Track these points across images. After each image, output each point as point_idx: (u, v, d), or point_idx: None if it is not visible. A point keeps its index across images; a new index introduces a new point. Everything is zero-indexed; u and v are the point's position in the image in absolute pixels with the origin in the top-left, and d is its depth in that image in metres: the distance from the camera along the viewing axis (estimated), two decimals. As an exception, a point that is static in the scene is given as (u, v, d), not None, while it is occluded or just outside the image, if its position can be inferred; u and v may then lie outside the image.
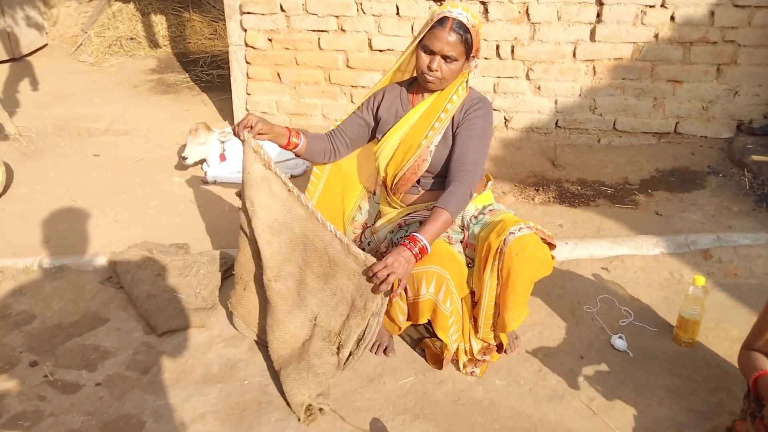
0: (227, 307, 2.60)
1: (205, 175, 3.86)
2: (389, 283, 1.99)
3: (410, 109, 2.36)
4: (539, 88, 4.13)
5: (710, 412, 2.15)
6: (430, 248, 2.06)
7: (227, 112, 4.77)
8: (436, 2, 4.01)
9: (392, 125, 2.36)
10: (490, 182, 2.49)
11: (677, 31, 3.87)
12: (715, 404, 2.18)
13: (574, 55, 4.01)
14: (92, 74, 5.80)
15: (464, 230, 2.34)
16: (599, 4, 3.88)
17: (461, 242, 2.34)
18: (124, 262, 2.87)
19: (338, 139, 2.46)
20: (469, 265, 2.33)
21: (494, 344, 2.36)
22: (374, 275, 2.00)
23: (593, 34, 3.95)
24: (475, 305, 2.32)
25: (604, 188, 3.65)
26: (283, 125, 2.41)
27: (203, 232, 3.29)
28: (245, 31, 4.32)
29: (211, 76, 5.68)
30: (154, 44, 6.53)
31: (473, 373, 2.33)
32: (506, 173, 3.83)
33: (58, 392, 2.28)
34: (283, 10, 4.21)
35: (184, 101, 5.15)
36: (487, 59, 4.10)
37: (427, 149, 2.29)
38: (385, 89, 2.44)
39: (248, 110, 4.51)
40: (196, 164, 3.90)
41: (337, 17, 4.17)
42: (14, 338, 2.55)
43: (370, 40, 4.19)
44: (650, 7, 3.83)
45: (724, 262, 2.92)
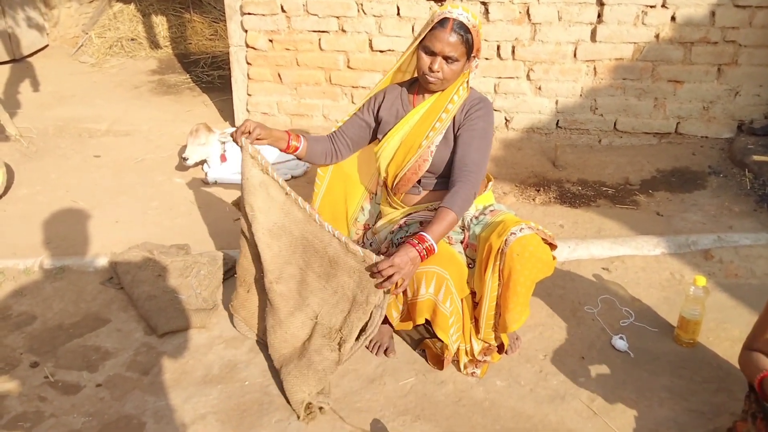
0: (229, 309, 2.60)
1: (205, 176, 3.86)
2: (392, 282, 2.00)
3: (411, 109, 2.36)
4: (540, 88, 4.13)
5: (711, 412, 2.15)
6: (436, 248, 2.07)
7: (228, 112, 4.77)
8: (436, 3, 4.01)
9: (393, 126, 2.37)
10: (490, 183, 2.49)
11: (678, 31, 3.87)
12: (716, 405, 2.18)
13: (574, 55, 4.01)
14: (93, 75, 5.80)
15: (465, 231, 2.34)
16: (600, 4, 3.88)
17: (462, 243, 2.34)
18: (124, 262, 2.87)
19: (339, 140, 2.47)
20: (469, 265, 2.33)
21: (495, 345, 2.36)
22: (379, 272, 2.00)
23: (594, 34, 3.95)
24: (476, 306, 2.32)
25: (604, 188, 3.65)
26: (282, 128, 2.41)
27: (204, 232, 3.29)
28: (246, 31, 4.32)
29: (211, 76, 5.69)
30: (154, 45, 6.53)
31: (474, 373, 2.33)
32: (507, 174, 3.83)
33: (58, 393, 2.28)
34: (283, 10, 4.21)
35: (184, 102, 5.16)
36: (487, 60, 4.10)
37: (428, 149, 2.29)
38: (385, 90, 2.45)
39: (249, 111, 4.51)
40: (196, 165, 3.90)
41: (337, 18, 4.17)
42: (15, 339, 2.55)
43: (370, 40, 4.19)
44: (651, 7, 3.83)
45: (725, 262, 2.92)
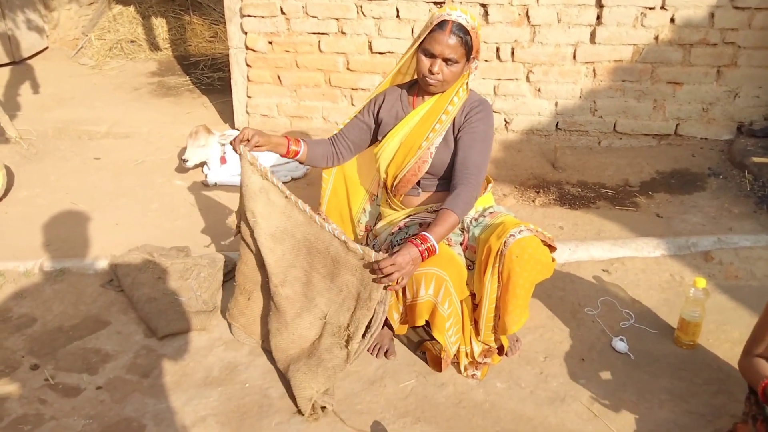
0: (226, 317, 2.60)
1: (205, 177, 3.86)
2: (392, 280, 2.02)
3: (411, 111, 2.37)
4: (539, 90, 4.13)
5: (712, 414, 2.15)
6: (438, 249, 2.07)
7: (228, 114, 4.77)
8: (435, 5, 4.02)
9: (393, 127, 2.37)
10: (490, 184, 2.49)
11: (677, 32, 3.87)
12: (716, 407, 2.18)
13: (574, 57, 4.02)
14: (93, 77, 5.80)
15: (464, 232, 2.34)
16: (599, 6, 3.88)
17: (461, 244, 2.34)
18: (124, 265, 2.87)
19: (341, 143, 2.48)
20: (469, 267, 2.33)
21: (495, 347, 2.36)
22: (380, 270, 2.01)
23: (593, 36, 3.95)
24: (475, 308, 2.32)
25: (604, 190, 3.65)
26: (282, 130, 2.42)
27: (204, 235, 3.29)
28: (246, 34, 4.32)
29: (211, 78, 5.69)
30: (154, 47, 6.54)
31: (474, 375, 2.33)
32: (507, 175, 3.83)
33: (58, 395, 2.28)
34: (283, 12, 4.21)
35: (184, 104, 5.16)
36: (487, 61, 4.10)
37: (427, 151, 2.30)
38: (385, 92, 2.45)
39: (248, 113, 4.51)
40: (196, 167, 3.90)
41: (337, 20, 4.17)
42: (15, 341, 2.55)
43: (370, 42, 4.19)
44: (650, 9, 3.83)
45: (724, 264, 2.92)
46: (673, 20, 3.85)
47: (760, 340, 1.93)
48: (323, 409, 2.18)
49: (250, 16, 4.26)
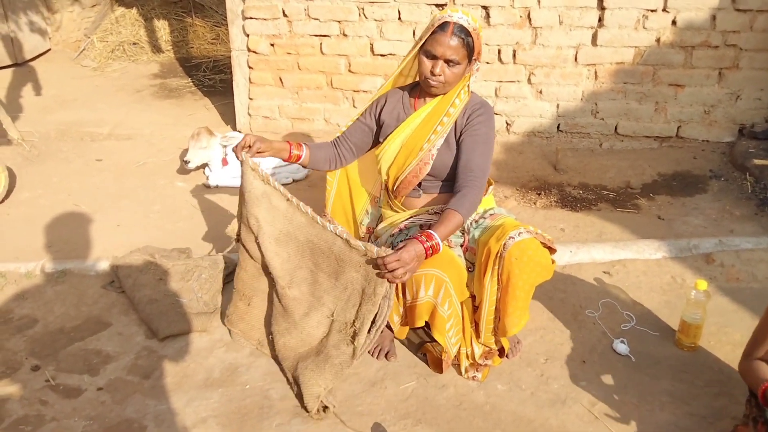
0: (224, 323, 2.60)
1: (207, 179, 3.86)
2: (397, 276, 2.01)
3: (412, 113, 2.37)
4: (541, 92, 4.14)
5: (713, 416, 2.14)
6: (442, 247, 2.07)
7: (230, 116, 4.78)
8: (437, 7, 4.02)
9: (394, 129, 2.38)
10: (491, 186, 2.49)
11: (679, 35, 3.87)
12: (717, 409, 2.17)
13: (575, 59, 4.02)
14: (95, 79, 5.82)
15: (464, 234, 2.35)
16: (601, 8, 3.88)
17: (461, 246, 2.34)
18: (126, 266, 2.87)
19: (343, 146, 2.49)
20: (469, 269, 2.33)
21: (496, 349, 2.36)
22: (384, 265, 2.01)
23: (595, 38, 3.95)
24: (476, 310, 2.32)
25: (605, 192, 3.65)
26: (284, 132, 2.43)
27: (206, 236, 3.30)
28: (248, 36, 4.33)
29: (213, 80, 5.70)
30: (156, 49, 6.55)
31: (475, 377, 2.33)
32: (508, 177, 3.83)
33: (59, 397, 2.28)
34: (285, 15, 4.22)
35: (186, 106, 5.16)
36: (488, 64, 4.10)
37: (429, 152, 2.30)
38: (387, 94, 2.46)
39: (250, 115, 4.51)
40: (198, 168, 3.91)
41: (339, 22, 4.18)
42: (16, 342, 2.55)
43: (372, 44, 4.20)
44: (652, 11, 3.84)
45: (726, 266, 2.92)
46: (674, 22, 3.85)
47: (760, 343, 1.93)
48: (326, 409, 2.18)
49: (252, 18, 4.26)
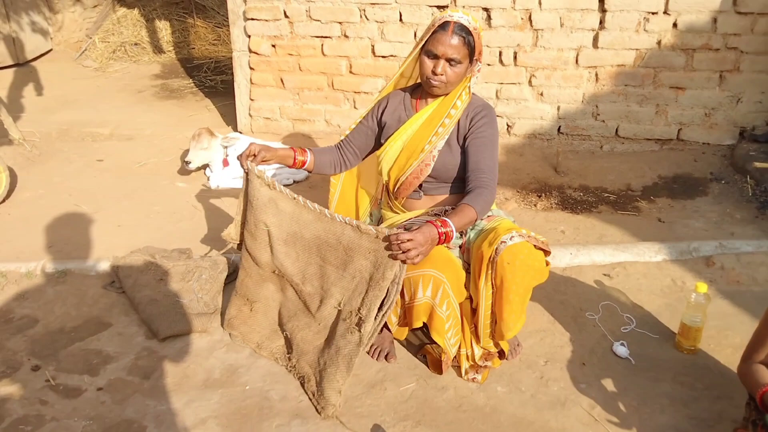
0: (223, 326, 2.60)
1: (208, 180, 3.87)
2: (410, 257, 1.97)
3: (413, 114, 2.37)
4: (542, 94, 4.14)
5: (712, 419, 2.14)
6: (454, 236, 2.05)
7: (231, 117, 4.78)
8: (438, 8, 4.03)
9: (396, 130, 2.38)
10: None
11: (680, 38, 3.87)
12: (717, 412, 2.17)
13: (576, 61, 4.02)
14: (97, 80, 5.83)
15: (463, 235, 2.35)
16: (602, 10, 3.89)
17: (460, 247, 2.35)
18: (126, 266, 2.87)
19: (347, 149, 2.49)
20: (467, 269, 2.33)
21: (495, 351, 2.36)
22: (398, 243, 1.96)
23: (596, 40, 3.96)
24: (474, 312, 2.32)
25: (606, 195, 3.65)
26: (285, 133, 2.44)
27: (206, 237, 3.30)
28: (249, 37, 4.34)
29: (214, 81, 5.71)
30: (158, 50, 6.56)
31: (475, 379, 2.32)
32: (508, 179, 3.83)
33: (59, 397, 2.28)
34: (286, 16, 4.23)
35: (187, 107, 5.17)
36: (489, 65, 4.11)
37: (430, 154, 2.30)
38: (389, 96, 2.46)
39: (251, 116, 4.52)
40: (198, 169, 3.91)
41: (340, 23, 4.19)
42: (17, 342, 2.55)
43: (373, 46, 4.20)
44: (653, 14, 3.84)
45: (726, 269, 2.92)
46: (675, 25, 3.85)
47: (759, 346, 1.92)
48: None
49: (253, 19, 4.27)
